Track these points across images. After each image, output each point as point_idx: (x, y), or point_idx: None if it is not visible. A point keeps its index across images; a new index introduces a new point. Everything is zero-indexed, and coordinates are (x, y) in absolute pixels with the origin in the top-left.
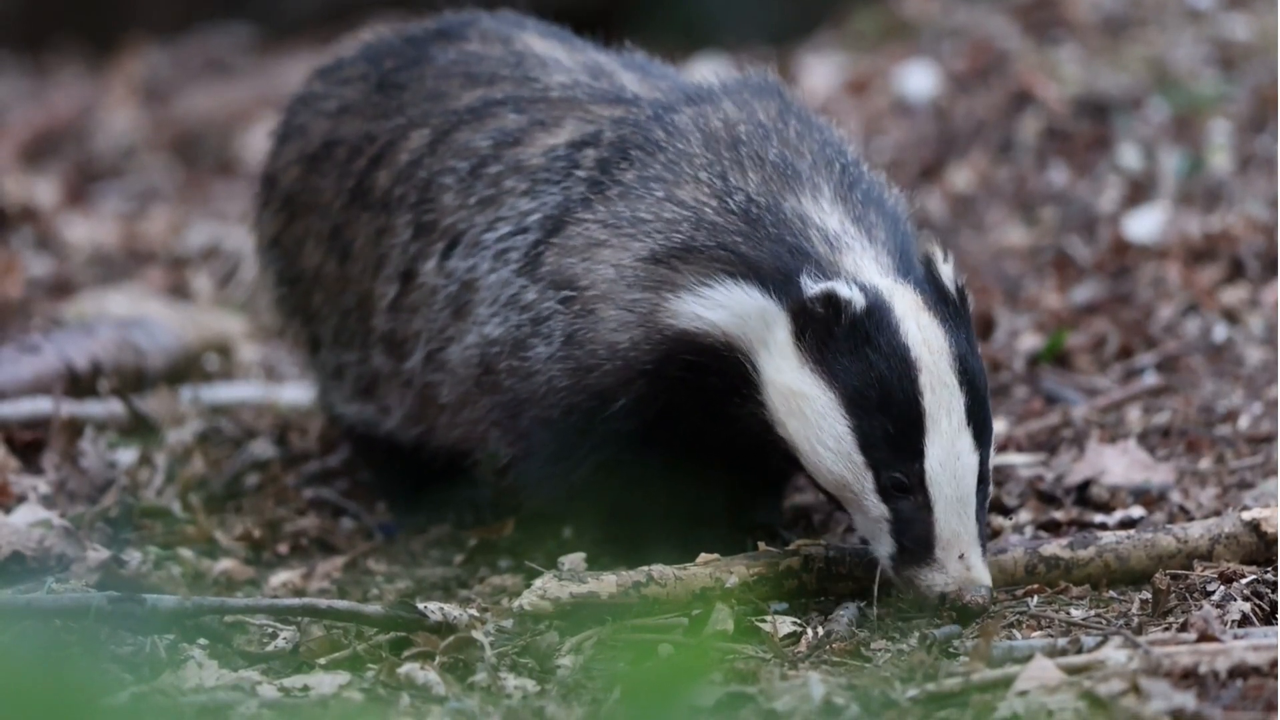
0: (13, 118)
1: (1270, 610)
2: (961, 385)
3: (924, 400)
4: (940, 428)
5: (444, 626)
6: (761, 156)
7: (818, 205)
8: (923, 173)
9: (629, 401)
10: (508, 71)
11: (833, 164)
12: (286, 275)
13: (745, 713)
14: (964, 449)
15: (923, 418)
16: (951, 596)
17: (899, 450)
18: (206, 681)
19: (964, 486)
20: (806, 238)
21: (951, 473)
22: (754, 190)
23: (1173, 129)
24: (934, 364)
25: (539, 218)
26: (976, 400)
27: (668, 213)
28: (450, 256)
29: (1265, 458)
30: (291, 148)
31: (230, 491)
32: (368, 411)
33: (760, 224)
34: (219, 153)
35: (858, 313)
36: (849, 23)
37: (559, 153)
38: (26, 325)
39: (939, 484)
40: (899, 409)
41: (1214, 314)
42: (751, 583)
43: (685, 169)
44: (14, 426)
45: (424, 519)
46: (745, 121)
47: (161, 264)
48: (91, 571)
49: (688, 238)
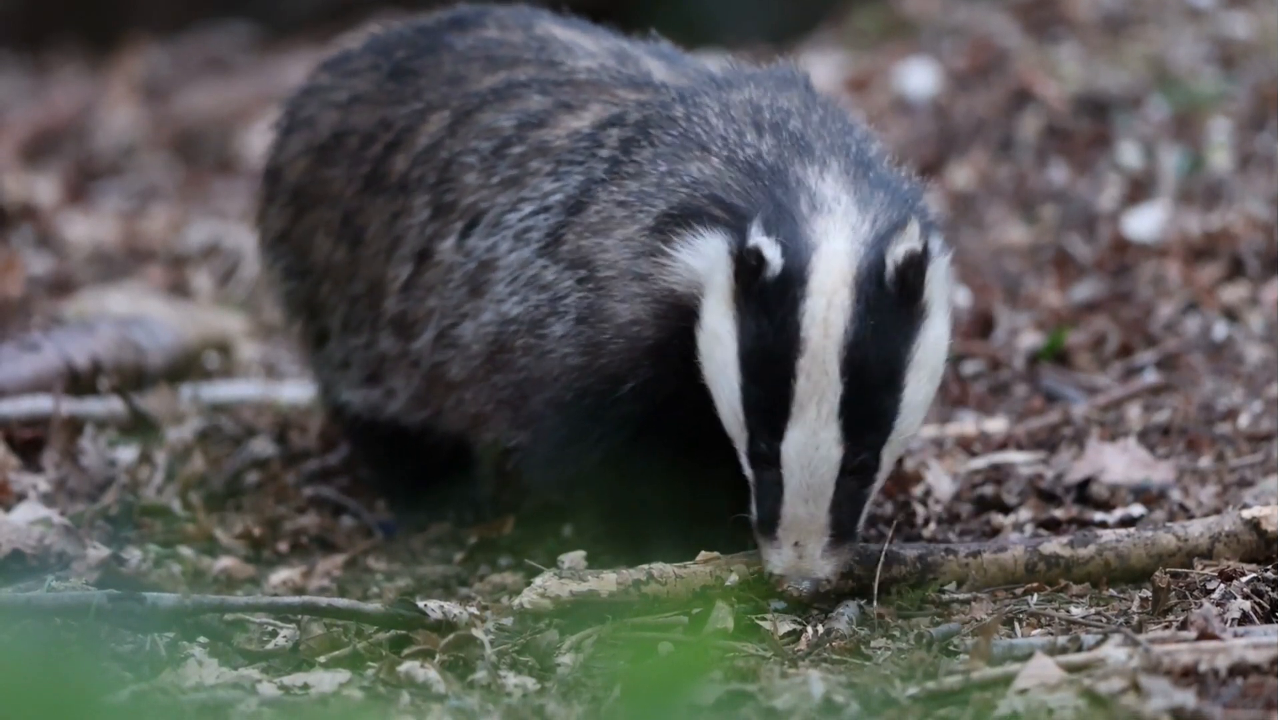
0: (13, 116)
1: (1270, 608)
2: (844, 375)
3: (796, 383)
4: (806, 414)
5: (444, 624)
6: (780, 126)
7: (821, 177)
8: (923, 171)
9: (638, 384)
10: (531, 55)
11: (849, 149)
12: (295, 269)
13: (745, 711)
14: (826, 440)
15: (790, 400)
16: (775, 579)
17: (768, 423)
18: (207, 679)
19: (817, 476)
20: (795, 198)
21: (807, 460)
22: (765, 150)
23: (1173, 127)
24: (821, 348)
25: (561, 198)
26: (862, 393)
27: (672, 182)
28: (470, 235)
29: (1265, 456)
30: (298, 140)
31: (230, 490)
32: (373, 396)
33: (758, 177)
34: (219, 151)
35: (772, 276)
36: (849, 21)
37: (583, 134)
38: (27, 323)
39: (791, 468)
40: (773, 384)
41: (1214, 312)
42: (752, 581)
43: (699, 143)
44: (14, 424)
45: (424, 517)
46: (768, 103)
47: (161, 262)
48: (91, 570)
49: (686, 199)
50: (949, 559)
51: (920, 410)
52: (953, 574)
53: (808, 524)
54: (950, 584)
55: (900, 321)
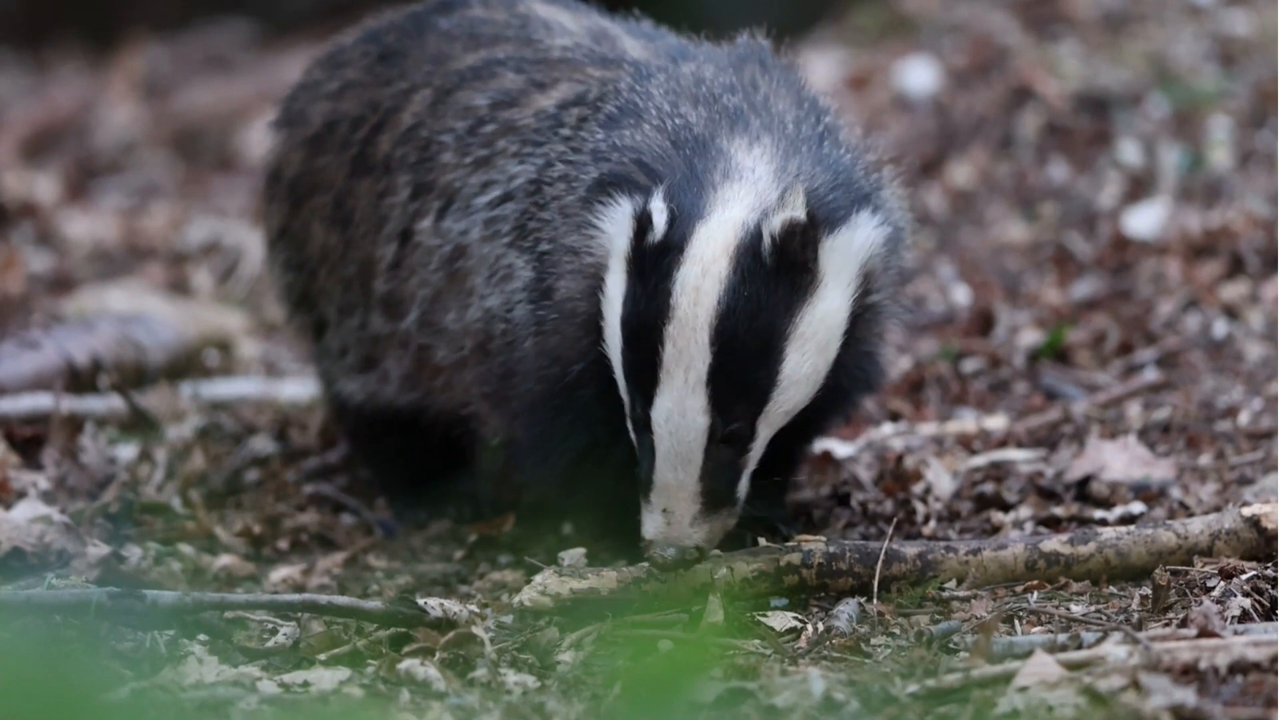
0: (13, 114)
1: (1270, 606)
2: (714, 344)
3: (663, 350)
4: (674, 381)
5: (444, 622)
6: (715, 99)
7: (749, 151)
8: (923, 168)
9: (585, 366)
10: (512, 33)
11: (790, 125)
12: (294, 262)
13: (745, 708)
14: (693, 408)
15: (658, 367)
16: (644, 544)
17: (641, 389)
18: (207, 677)
19: (685, 444)
20: (712, 166)
21: (675, 428)
22: (694, 121)
23: (1173, 125)
24: (690, 316)
25: (522, 181)
26: (734, 363)
27: (604, 148)
28: (445, 217)
29: (1265, 453)
30: (294, 135)
31: (230, 487)
32: (370, 382)
33: (682, 147)
34: (219, 148)
35: (654, 241)
36: (849, 18)
37: (548, 114)
38: (27, 321)
39: (660, 435)
40: (645, 351)
41: (1214, 309)
42: (752, 578)
43: (634, 112)
44: (14, 422)
45: (424, 515)
46: (715, 77)
47: (161, 260)
48: (92, 567)
49: (613, 166)
50: (949, 556)
51: (805, 384)
52: (953, 571)
53: (677, 491)
54: (950, 582)
55: (782, 293)
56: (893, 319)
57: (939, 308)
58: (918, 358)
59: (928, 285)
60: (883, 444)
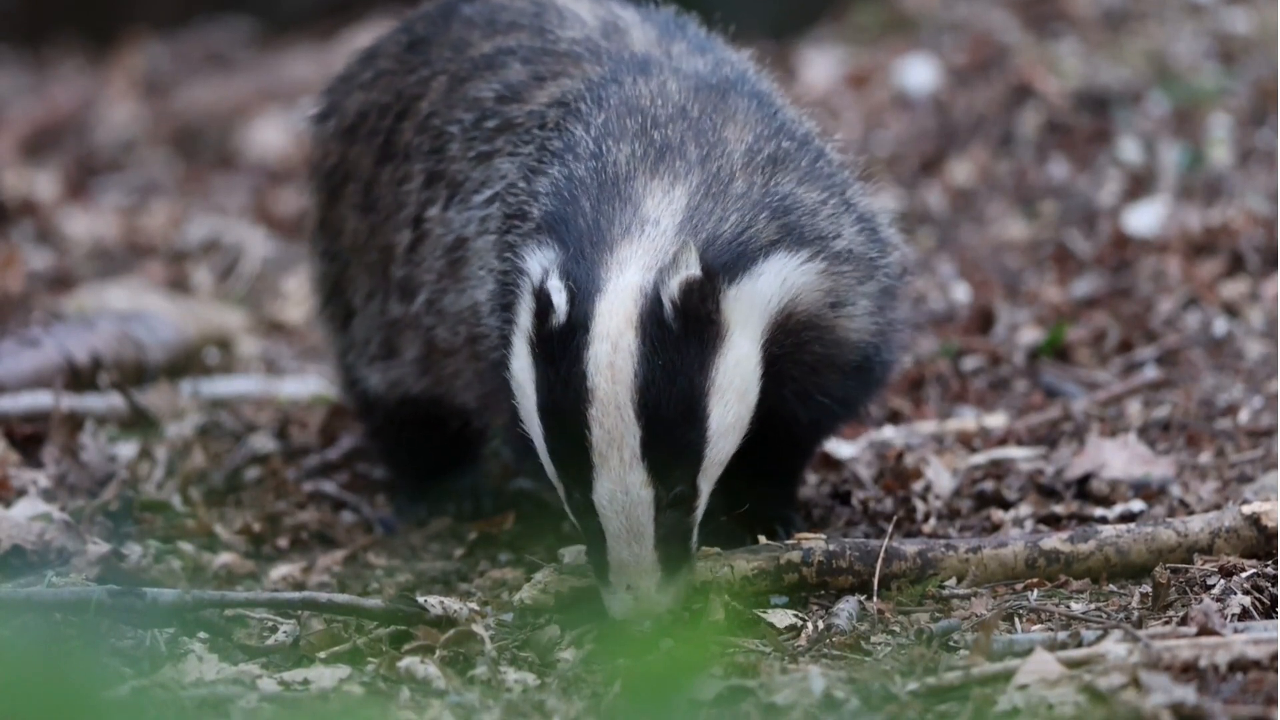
0: (13, 112)
1: (1270, 604)
2: (640, 418)
3: (592, 434)
4: (609, 462)
5: (444, 620)
6: (650, 133)
7: (668, 192)
8: (923, 166)
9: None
10: (526, 20)
11: (734, 155)
12: (330, 252)
13: (745, 706)
14: (635, 483)
15: (590, 451)
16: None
17: (576, 475)
18: (206, 675)
19: (634, 520)
20: (616, 219)
21: (620, 506)
22: (621, 160)
23: (1173, 123)
24: (611, 395)
25: (508, 182)
26: (663, 431)
27: (545, 180)
28: (450, 206)
29: (1265, 452)
30: (329, 127)
31: (230, 485)
32: (391, 371)
33: (603, 190)
34: (219, 147)
35: (558, 325)
36: (849, 16)
37: (536, 112)
38: (26, 319)
39: (607, 517)
40: (571, 437)
41: (1214, 308)
42: (752, 576)
43: (575, 146)
44: (14, 420)
45: (424, 512)
46: (672, 97)
47: (161, 258)
48: (91, 565)
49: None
50: (949, 555)
51: (732, 432)
52: (953, 570)
53: (635, 566)
54: (950, 580)
55: (693, 352)
56: (881, 336)
57: (939, 306)
58: (918, 356)
59: (928, 283)
60: (883, 442)
